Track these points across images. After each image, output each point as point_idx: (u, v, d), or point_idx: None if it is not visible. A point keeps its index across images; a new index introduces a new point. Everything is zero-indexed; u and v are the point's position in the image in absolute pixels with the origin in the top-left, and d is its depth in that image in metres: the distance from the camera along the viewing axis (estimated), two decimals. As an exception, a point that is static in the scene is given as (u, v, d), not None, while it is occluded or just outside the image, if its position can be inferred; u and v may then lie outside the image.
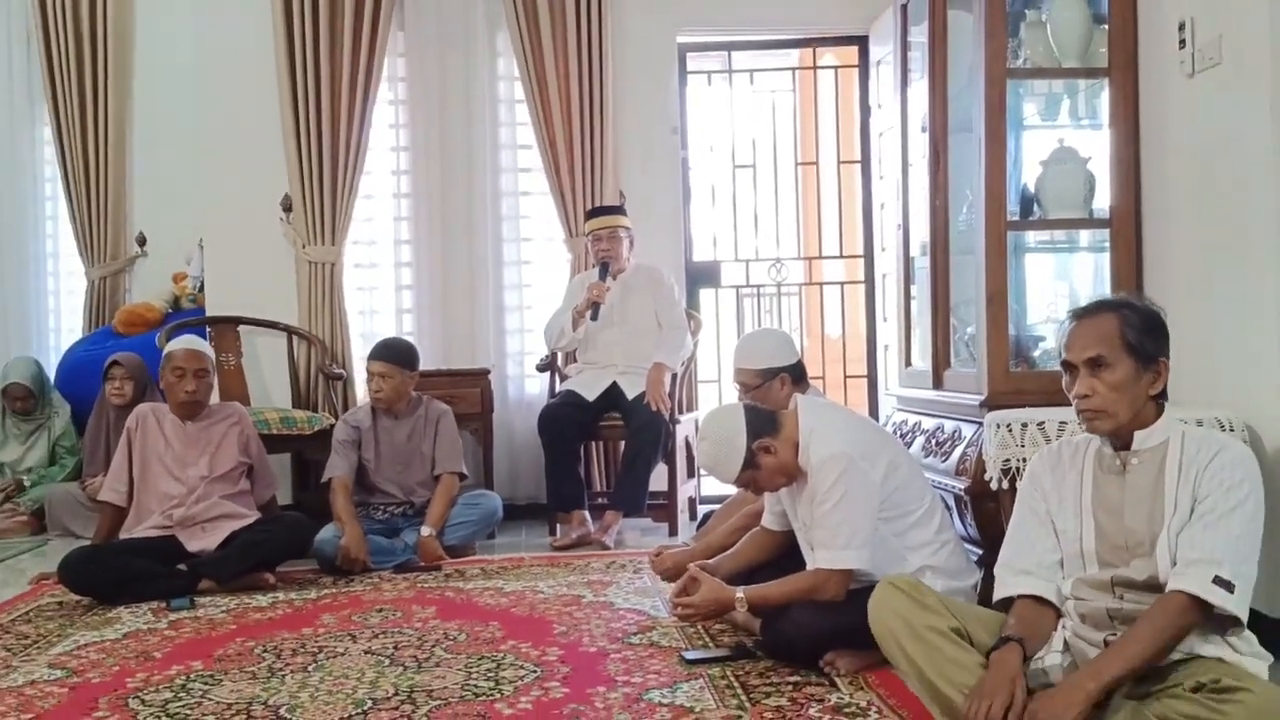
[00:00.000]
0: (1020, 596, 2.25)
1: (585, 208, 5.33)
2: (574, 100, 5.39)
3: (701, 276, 5.87)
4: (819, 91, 6.12)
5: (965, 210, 3.75)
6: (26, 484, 5.43)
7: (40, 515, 5.27)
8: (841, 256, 6.13)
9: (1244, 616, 2.03)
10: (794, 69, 6.29)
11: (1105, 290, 3.56)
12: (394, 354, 4.43)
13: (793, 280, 6.10)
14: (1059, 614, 2.23)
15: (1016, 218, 3.57)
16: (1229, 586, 2.00)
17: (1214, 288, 3.15)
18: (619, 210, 5.15)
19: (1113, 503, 2.19)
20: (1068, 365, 2.23)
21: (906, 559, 2.78)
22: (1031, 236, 3.81)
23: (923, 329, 4.09)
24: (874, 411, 5.64)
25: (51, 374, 5.80)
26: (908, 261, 4.28)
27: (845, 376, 6.09)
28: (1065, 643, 2.19)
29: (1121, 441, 2.21)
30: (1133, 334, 2.16)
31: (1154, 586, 2.10)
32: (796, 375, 3.48)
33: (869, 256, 5.79)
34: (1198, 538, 2.05)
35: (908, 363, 4.27)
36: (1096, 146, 3.59)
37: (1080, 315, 2.25)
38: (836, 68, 6.20)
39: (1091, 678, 1.99)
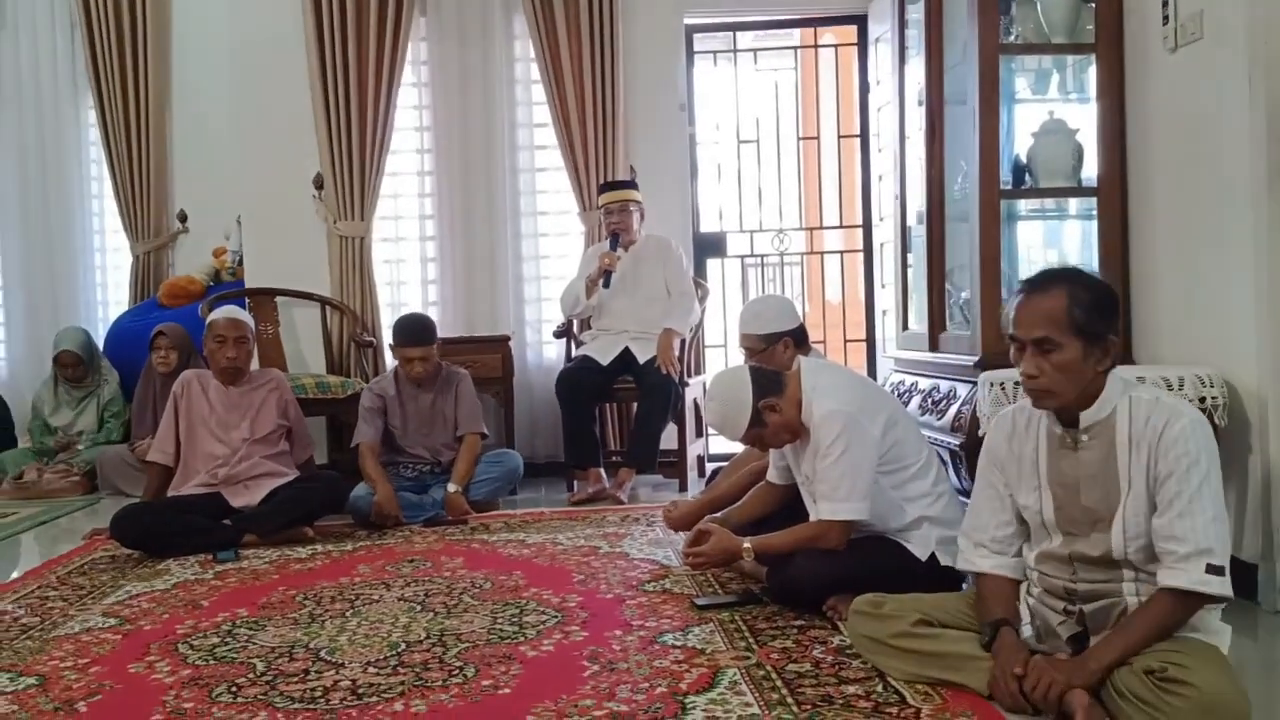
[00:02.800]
0: (983, 574, 2.28)
1: (598, 182, 5.31)
2: (587, 80, 5.36)
3: (708, 247, 5.86)
4: (819, 69, 6.07)
5: (960, 180, 3.72)
6: (80, 448, 5.47)
7: (92, 476, 5.31)
8: (841, 226, 6.10)
9: (1231, 594, 1.98)
10: (795, 48, 6.24)
11: (1094, 255, 3.55)
12: (428, 336, 4.40)
13: (795, 250, 6.08)
14: (1019, 581, 2.25)
15: (1009, 187, 3.55)
16: (1220, 570, 1.95)
17: (1194, 252, 3.13)
18: (630, 184, 5.13)
19: (1068, 479, 2.13)
20: (1015, 339, 2.11)
21: (905, 510, 2.78)
22: (1023, 205, 3.79)
23: (919, 294, 4.08)
24: (872, 373, 5.63)
25: (100, 344, 5.81)
26: (905, 230, 4.27)
27: (845, 340, 6.07)
28: (1030, 611, 2.20)
29: (1069, 416, 2.11)
30: (1080, 312, 2.02)
31: (1109, 562, 2.07)
32: (799, 338, 3.47)
33: (867, 226, 5.76)
34: (1178, 528, 1.97)
35: (905, 326, 4.26)
36: (1084, 119, 3.55)
37: (1029, 289, 2.11)
38: (836, 46, 6.14)
39: (1093, 659, 1.98)
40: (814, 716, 2.07)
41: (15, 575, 3.65)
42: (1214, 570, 1.95)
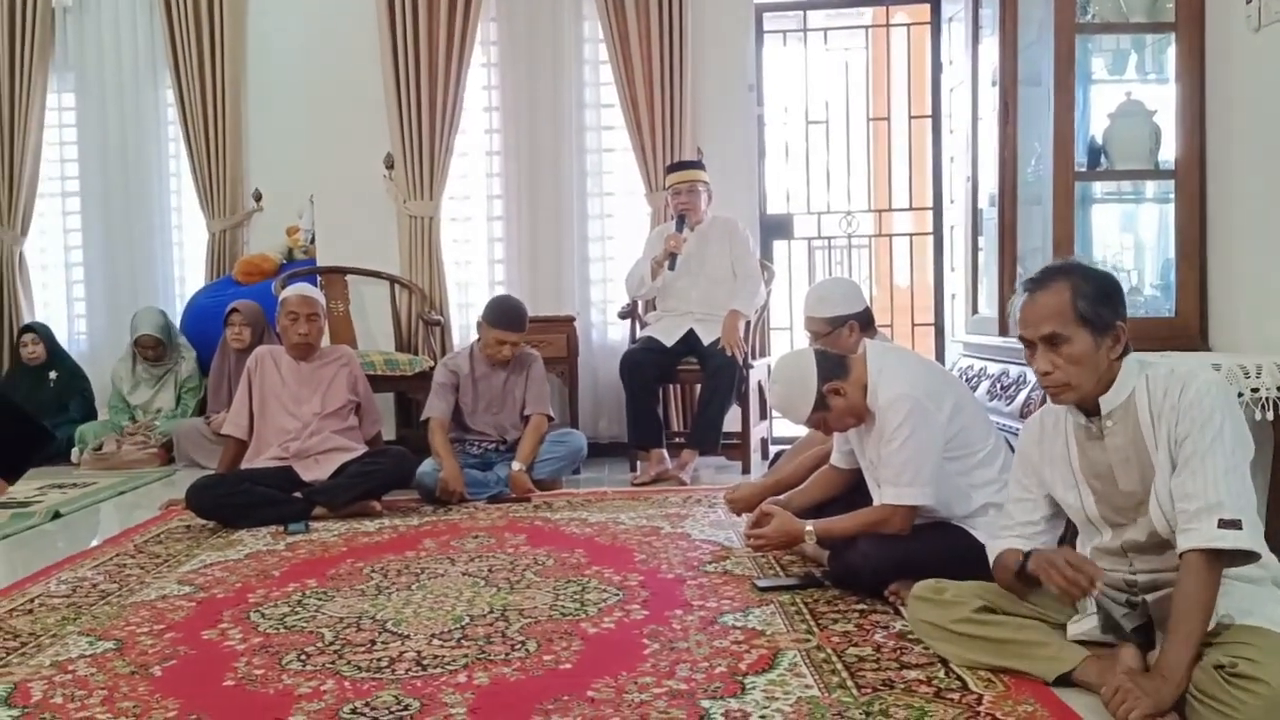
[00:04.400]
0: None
1: (665, 163, 5.30)
2: (655, 60, 5.34)
3: (775, 228, 5.82)
4: (891, 48, 5.98)
5: (1034, 162, 3.65)
6: (157, 425, 5.61)
7: (169, 448, 5.45)
8: (911, 209, 6.02)
9: (1259, 548, 1.91)
10: (867, 27, 6.15)
11: (1170, 239, 3.46)
12: (523, 323, 4.44)
13: (863, 232, 6.01)
14: None
15: (1084, 169, 3.48)
16: (1235, 524, 1.89)
17: (1275, 237, 3.04)
18: (697, 165, 5.11)
19: (1100, 469, 2.10)
20: (1025, 339, 2.10)
21: (971, 497, 2.75)
22: (1098, 187, 3.71)
23: (989, 278, 4.01)
24: (940, 358, 5.56)
25: (177, 320, 5.95)
26: (976, 213, 4.20)
27: (913, 325, 6.00)
28: (1097, 603, 2.16)
29: (1090, 407, 2.09)
30: (1085, 304, 2.01)
31: (1160, 544, 2.03)
32: (864, 322, 3.44)
33: (938, 209, 5.68)
34: (1188, 486, 1.93)
35: (974, 310, 4.20)
36: (1163, 100, 3.47)
37: (1032, 287, 2.09)
38: (909, 25, 6.05)
39: (1169, 669, 1.90)
40: (874, 700, 2.06)
41: (95, 543, 3.77)
42: (1227, 524, 1.88)
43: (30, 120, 6.09)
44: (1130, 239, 3.87)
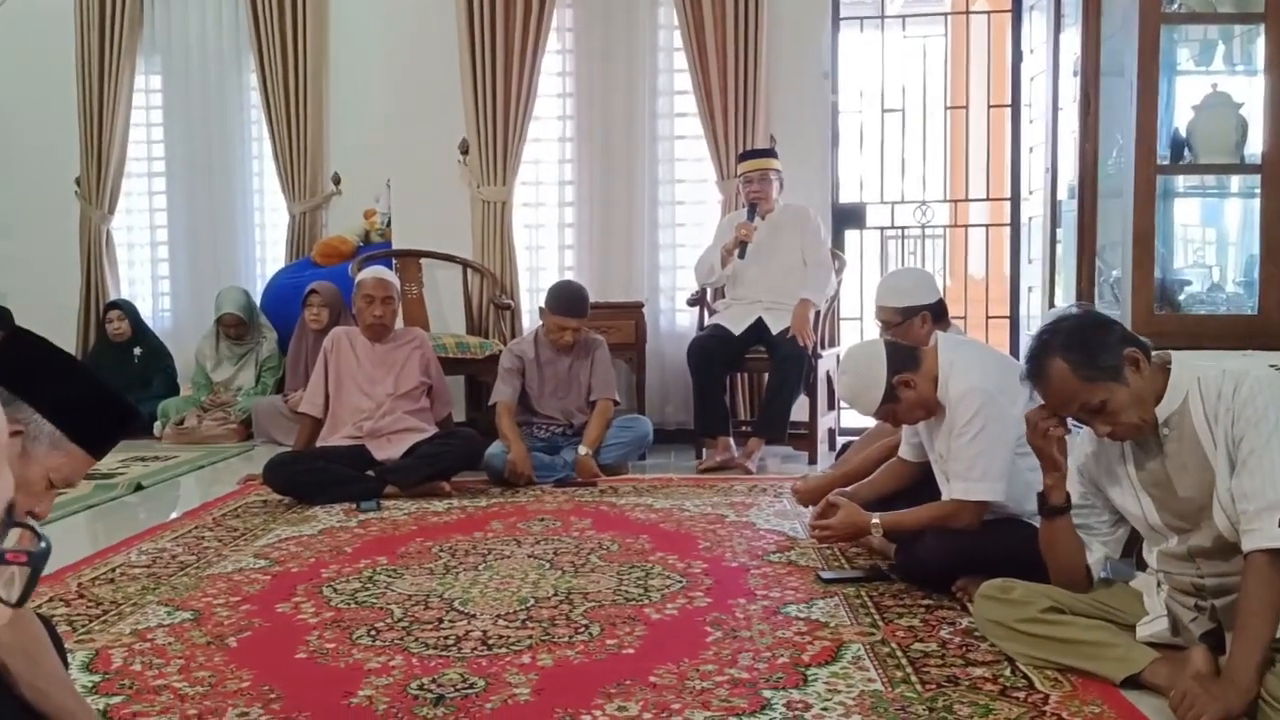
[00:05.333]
0: None
1: (737, 151, 5.27)
2: (729, 47, 5.31)
3: (847, 217, 5.76)
4: (970, 36, 5.87)
5: (1115, 154, 3.57)
6: (239, 400, 5.74)
7: (248, 424, 5.58)
8: (988, 199, 5.91)
9: None
10: (946, 14, 6.05)
11: (1254, 237, 3.36)
12: (584, 309, 4.47)
13: (938, 222, 5.92)
14: None
15: (1166, 162, 3.38)
16: None
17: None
18: (770, 153, 5.07)
19: (1159, 477, 2.06)
20: (1064, 421, 2.15)
21: (1041, 493, 2.71)
22: (1181, 181, 3.60)
23: (1067, 271, 3.93)
24: (1015, 352, 5.46)
25: (258, 300, 6.08)
26: (1055, 204, 4.11)
27: (987, 317, 5.89)
28: (1166, 606, 2.12)
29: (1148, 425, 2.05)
30: (1085, 370, 2.00)
31: (1227, 548, 1.98)
32: (937, 313, 3.40)
33: (1015, 199, 5.57)
34: (1247, 485, 1.88)
35: (1051, 304, 4.12)
36: (1250, 92, 3.35)
37: (1033, 381, 2.09)
38: (989, 13, 5.93)
39: (1238, 674, 1.85)
40: (938, 696, 2.04)
41: (174, 515, 3.88)
42: None
43: (119, 102, 6.25)
44: (1213, 233, 3.77)
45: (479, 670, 2.22)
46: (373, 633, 2.48)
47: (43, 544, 0.57)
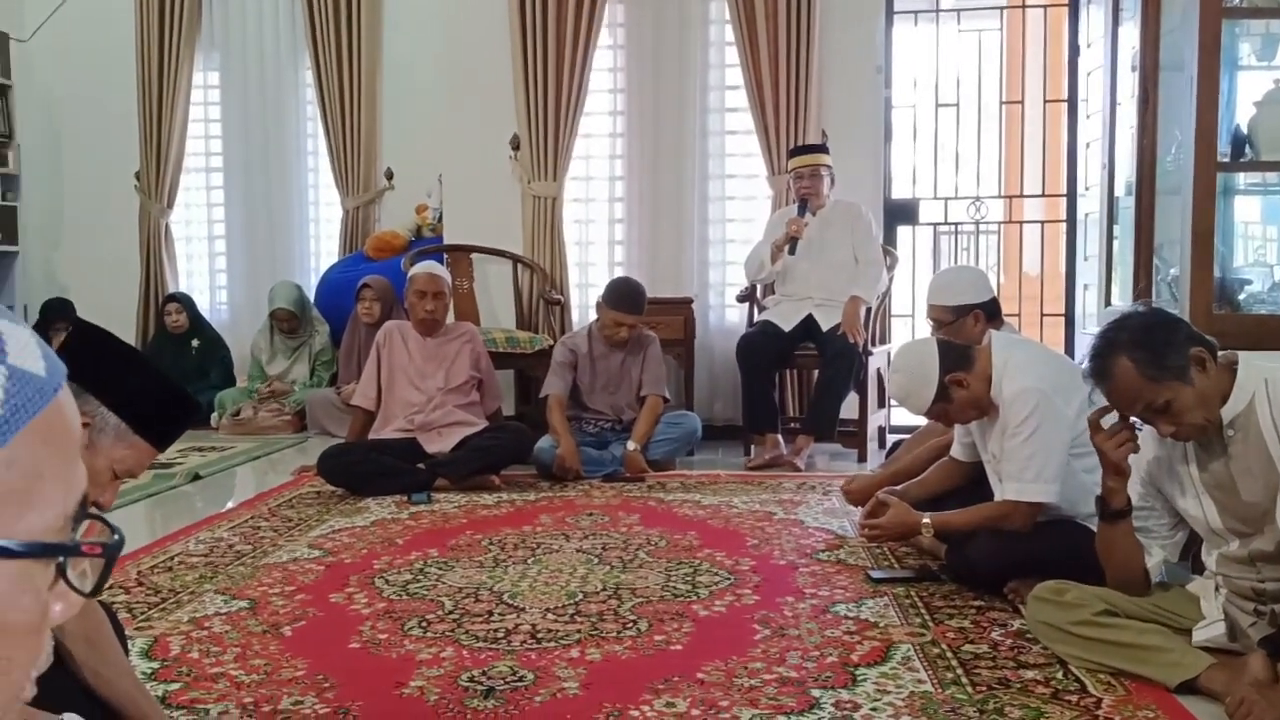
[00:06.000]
0: None
1: (788, 146, 5.25)
2: (781, 42, 5.29)
3: (899, 213, 5.71)
4: (1026, 30, 5.80)
5: (1174, 150, 3.51)
6: (294, 392, 5.83)
7: (302, 416, 5.67)
8: (1043, 195, 5.84)
9: None
10: (1002, 8, 5.98)
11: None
12: (641, 306, 4.47)
13: (992, 218, 5.86)
14: None
15: (1227, 159, 3.32)
16: None
17: None
18: (821, 149, 5.04)
19: (1222, 479, 2.02)
20: (1129, 421, 2.12)
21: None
22: (1241, 178, 3.54)
23: (1124, 269, 3.88)
24: (1070, 350, 5.38)
25: (311, 294, 6.16)
26: (1112, 201, 4.06)
27: (1042, 315, 5.83)
28: (1224, 611, 2.09)
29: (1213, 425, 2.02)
30: (1152, 369, 1.97)
31: None
32: (990, 312, 3.36)
33: (1071, 195, 5.49)
34: None
35: (1108, 302, 4.06)
36: (1317, 87, 3.28)
37: (1097, 379, 2.07)
38: (1045, 6, 5.85)
39: None
40: (989, 699, 2.03)
41: (230, 505, 3.95)
42: None
43: (177, 98, 6.36)
44: (1274, 231, 3.69)
45: (528, 663, 2.24)
46: (424, 624, 2.51)
47: (116, 536, 0.59)
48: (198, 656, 2.31)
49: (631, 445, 4.37)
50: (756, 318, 5.10)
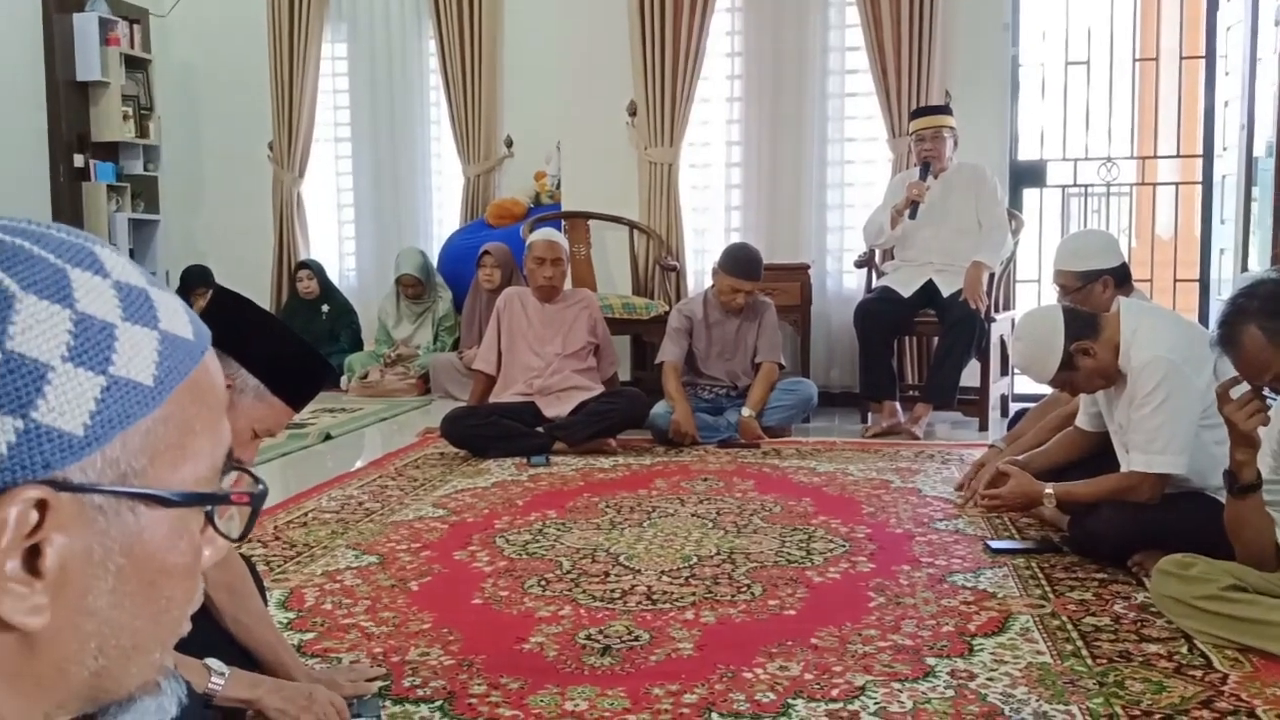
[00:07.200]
0: None
1: (909, 108, 5.14)
2: (904, 1, 5.17)
3: (1026, 175, 5.55)
4: (1163, -16, 5.55)
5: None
6: (419, 356, 6.00)
7: (426, 379, 5.84)
8: (1178, 156, 5.60)
9: None
10: (1137, -39, 5.73)
11: None
12: (758, 271, 4.46)
13: (1123, 180, 5.65)
14: None
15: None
16: None
17: None
18: (944, 110, 4.92)
19: None
20: (1259, 389, 2.05)
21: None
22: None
23: (1263, 232, 3.71)
24: (1204, 317, 5.18)
25: (435, 259, 6.31)
26: (1250, 162, 3.88)
27: (1175, 280, 5.62)
28: None
29: None
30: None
31: None
32: (1120, 278, 3.26)
33: (1208, 156, 5.25)
34: None
35: (1244, 267, 3.90)
36: None
37: (1223, 347, 2.02)
38: (1184, -42, 5.59)
39: None
40: (1109, 671, 1.99)
41: (359, 464, 4.10)
42: None
43: (307, 69, 6.55)
44: None
45: (644, 624, 2.29)
46: (543, 583, 2.58)
47: (260, 486, 0.64)
48: (330, 608, 2.42)
49: (746, 411, 4.38)
50: (875, 283, 5.03)
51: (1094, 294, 3.19)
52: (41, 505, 0.52)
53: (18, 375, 0.51)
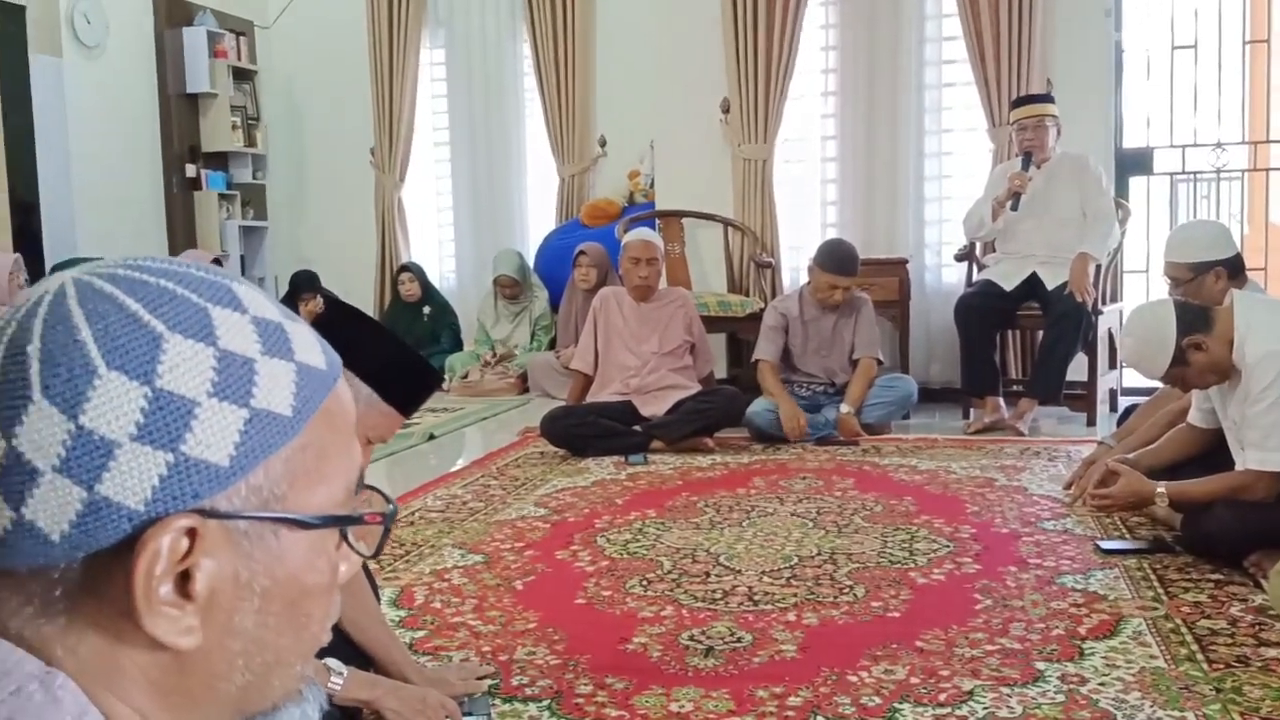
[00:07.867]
0: None
1: (1010, 97, 5.03)
2: (1002, -12, 5.07)
3: (1132, 163, 5.39)
4: (1277, -40, 5.32)
5: None
6: (516, 355, 6.09)
7: (524, 379, 5.92)
8: (1294, 139, 5.37)
9: None
10: (1248, -62, 5.51)
11: None
12: (855, 268, 4.42)
13: (1235, 166, 5.44)
14: None
15: None
16: None
17: None
18: (1046, 98, 4.80)
19: None
20: None
21: (1351, 466, 2.49)
22: None
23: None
24: (1324, 305, 4.97)
25: (531, 260, 6.39)
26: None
27: (1292, 269, 5.39)
28: None
29: None
30: None
31: None
32: (1233, 269, 3.15)
33: (1327, 138, 5.04)
34: None
35: (1368, 255, 3.72)
36: None
37: None
38: (1300, -68, 5.35)
39: None
40: (1226, 677, 1.94)
41: (461, 464, 4.18)
42: None
43: (407, 75, 6.69)
44: None
45: (746, 625, 2.29)
46: (644, 583, 2.60)
47: (391, 506, 0.67)
48: (440, 607, 2.48)
49: (845, 408, 4.34)
50: (976, 277, 4.94)
51: (1206, 286, 3.09)
52: (191, 533, 0.55)
53: (167, 412, 0.55)
